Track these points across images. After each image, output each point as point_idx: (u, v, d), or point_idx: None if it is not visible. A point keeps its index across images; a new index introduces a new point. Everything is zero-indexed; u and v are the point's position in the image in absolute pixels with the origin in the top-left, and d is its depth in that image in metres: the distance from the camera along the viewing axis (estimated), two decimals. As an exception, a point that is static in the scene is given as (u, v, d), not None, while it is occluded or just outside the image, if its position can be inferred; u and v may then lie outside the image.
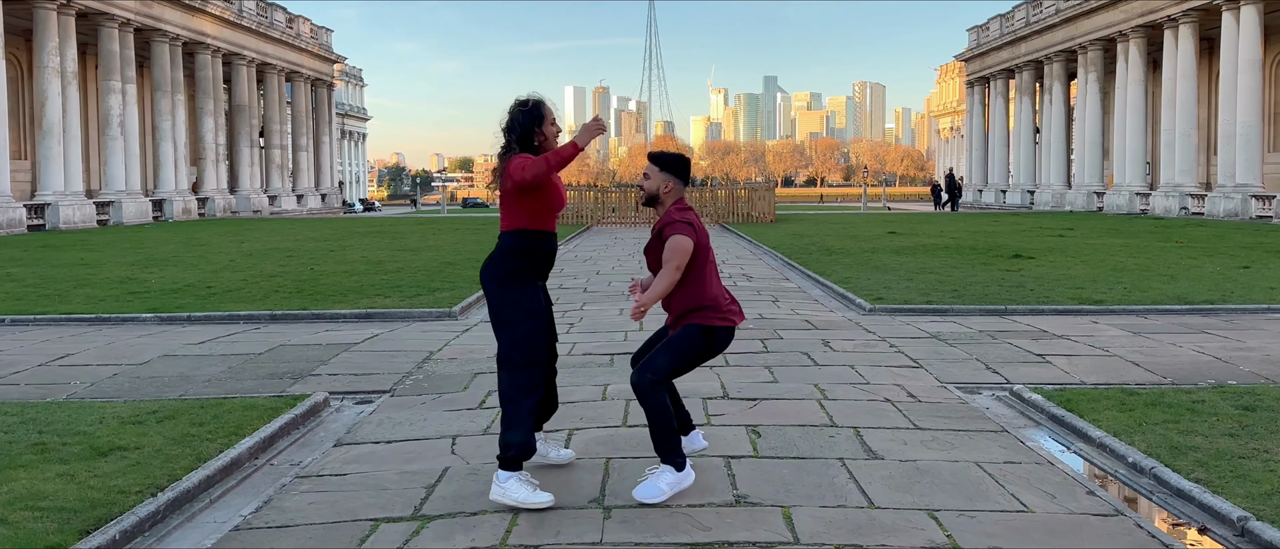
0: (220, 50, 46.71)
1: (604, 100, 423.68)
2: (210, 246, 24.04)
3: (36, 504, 4.84)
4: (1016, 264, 17.62)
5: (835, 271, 16.37)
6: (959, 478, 5.41)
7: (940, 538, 4.53)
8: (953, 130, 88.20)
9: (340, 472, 5.69)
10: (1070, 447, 6.18)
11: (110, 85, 38.18)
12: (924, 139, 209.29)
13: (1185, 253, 19.96)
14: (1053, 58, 49.78)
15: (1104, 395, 7.14)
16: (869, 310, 12.16)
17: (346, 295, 13.67)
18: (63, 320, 11.83)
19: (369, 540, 4.57)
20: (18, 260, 19.93)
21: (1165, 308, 12.06)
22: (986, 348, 9.56)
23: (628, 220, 39.14)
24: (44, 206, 33.67)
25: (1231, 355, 9.05)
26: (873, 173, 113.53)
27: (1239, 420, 6.32)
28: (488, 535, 4.61)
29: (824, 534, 4.58)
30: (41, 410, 6.83)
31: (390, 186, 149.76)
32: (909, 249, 21.42)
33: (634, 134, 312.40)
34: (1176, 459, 5.50)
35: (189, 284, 15.25)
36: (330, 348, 9.80)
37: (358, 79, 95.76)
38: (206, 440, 6.03)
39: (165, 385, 8.04)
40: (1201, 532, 4.69)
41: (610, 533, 4.61)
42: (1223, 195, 35.65)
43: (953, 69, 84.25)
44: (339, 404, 7.47)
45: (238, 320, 11.75)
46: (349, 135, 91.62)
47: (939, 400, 7.35)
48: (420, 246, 23.72)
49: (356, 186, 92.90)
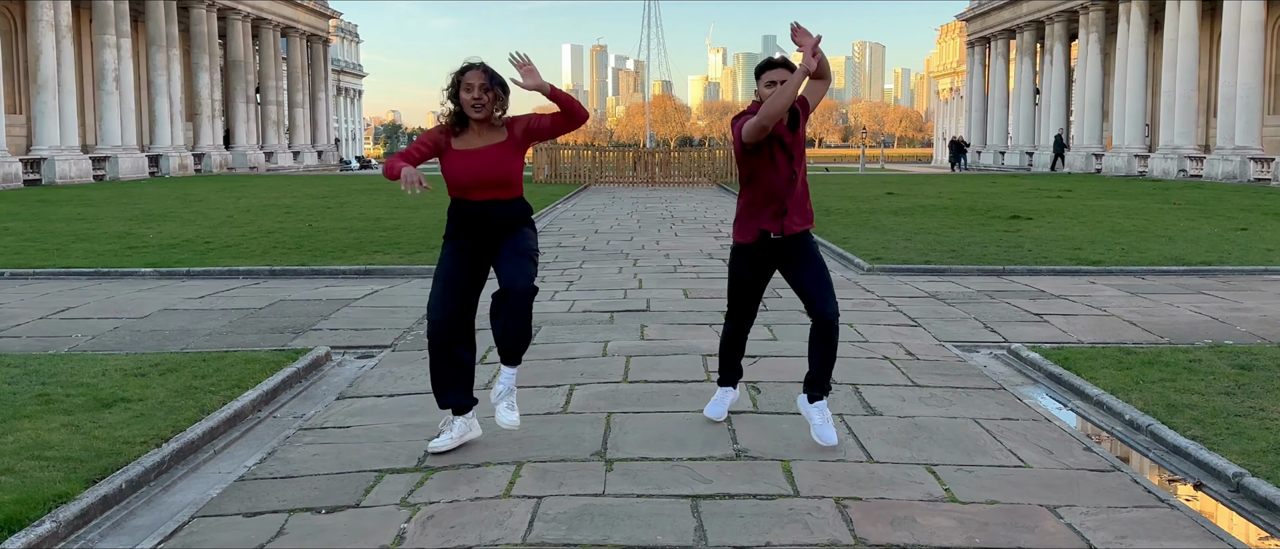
0: (215, 5, 46.29)
1: (602, 59, 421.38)
2: (207, 202, 23.99)
3: (42, 454, 4.87)
4: (1014, 225, 17.64)
5: (833, 231, 16.37)
6: (957, 434, 5.46)
7: (938, 491, 4.58)
8: (952, 91, 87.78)
9: (343, 424, 5.73)
10: (1067, 404, 6.23)
11: (105, 40, 37.88)
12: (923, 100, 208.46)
13: (1183, 215, 19.97)
14: (1054, 18, 49.46)
15: (1101, 354, 7.18)
16: (867, 270, 12.18)
17: (345, 251, 13.67)
18: (62, 274, 11.83)
19: (373, 491, 4.62)
20: (15, 215, 19.88)
21: (1163, 269, 12.09)
22: (984, 307, 9.60)
23: (625, 179, 39.06)
24: (40, 161, 33.53)
25: (1228, 316, 9.10)
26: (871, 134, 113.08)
27: (1235, 379, 6.37)
28: (491, 486, 4.65)
29: (823, 487, 4.62)
30: (44, 362, 6.86)
31: (386, 144, 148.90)
32: (907, 210, 21.42)
33: (632, 93, 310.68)
34: (1173, 417, 5.55)
35: (187, 239, 15.24)
36: (330, 303, 9.82)
37: (353, 35, 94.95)
38: (209, 393, 6.06)
39: (166, 339, 8.07)
40: (1197, 487, 4.75)
41: (612, 485, 4.66)
42: (1221, 158, 35.60)
43: (953, 29, 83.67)
44: (340, 358, 7.50)
45: (237, 275, 11.76)
46: (345, 92, 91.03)
47: (937, 358, 7.39)
48: (418, 204, 23.63)
49: (352, 144, 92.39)
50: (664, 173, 38.99)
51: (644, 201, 27.15)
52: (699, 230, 18.26)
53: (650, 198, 29.16)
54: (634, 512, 4.33)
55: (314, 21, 59.18)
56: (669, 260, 13.59)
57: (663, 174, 38.89)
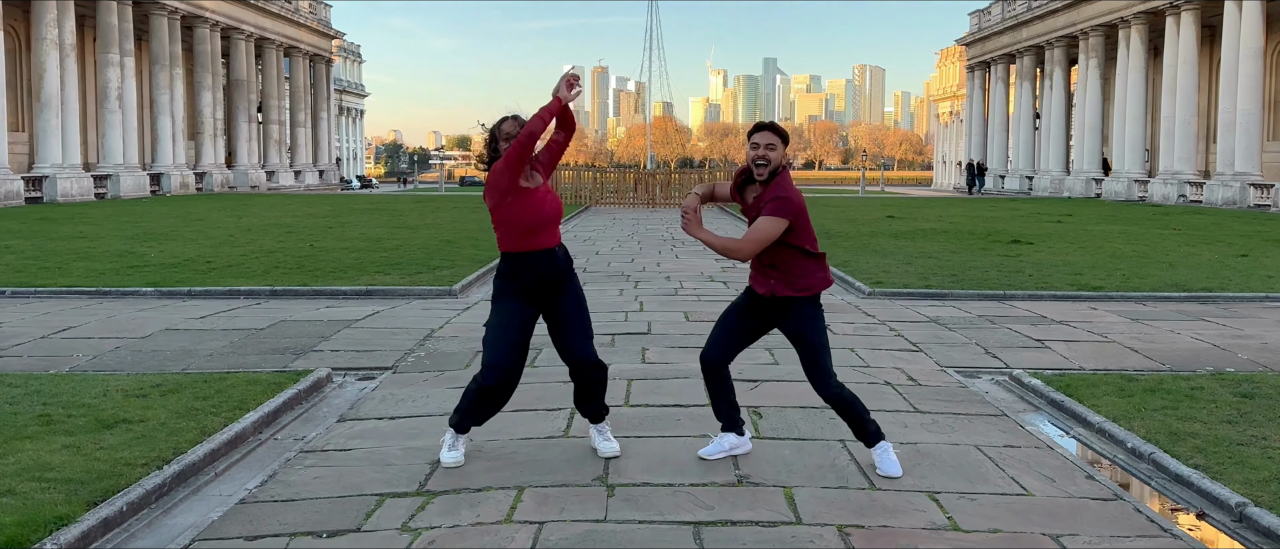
0: (219, 24, 46.49)
1: (603, 80, 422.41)
2: (209, 221, 24.01)
3: (43, 475, 4.86)
4: (1015, 249, 17.66)
5: (834, 255, 16.37)
6: (959, 460, 5.45)
7: (941, 519, 4.57)
8: (952, 115, 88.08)
9: (344, 447, 5.72)
10: (1069, 431, 6.23)
11: (108, 58, 38.01)
12: (923, 123, 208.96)
13: (1183, 240, 20.00)
14: (1054, 43, 49.67)
15: (1103, 381, 7.18)
16: (868, 294, 12.19)
17: (347, 272, 13.68)
18: (63, 293, 11.83)
19: (374, 515, 4.61)
20: (16, 233, 19.91)
21: (1163, 295, 12.10)
22: (986, 332, 9.60)
23: (626, 201, 39.15)
24: (42, 179, 33.58)
25: (1229, 343, 9.10)
26: (871, 157, 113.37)
27: (1237, 407, 6.36)
28: (492, 511, 4.64)
29: (825, 514, 4.61)
30: (45, 382, 6.85)
31: (387, 164, 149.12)
32: (908, 233, 21.44)
33: (633, 114, 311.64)
34: (1175, 445, 5.55)
35: (188, 258, 15.25)
36: (332, 324, 9.82)
37: (356, 55, 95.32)
38: (210, 414, 6.05)
39: (168, 359, 8.06)
40: (1200, 517, 4.73)
41: (614, 510, 4.65)
42: (1221, 183, 35.67)
43: (953, 53, 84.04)
44: (341, 380, 7.50)
45: (238, 295, 11.76)
46: (347, 111, 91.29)
47: (939, 384, 7.39)
48: (419, 224, 23.71)
49: (354, 163, 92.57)
50: (665, 194, 39.06)
51: (645, 223, 27.19)
52: (700, 253, 18.27)
53: (651, 219, 29.20)
54: (635, 538, 4.32)
55: (317, 42, 59.42)
56: (670, 283, 13.60)
57: (663, 195, 38.97)
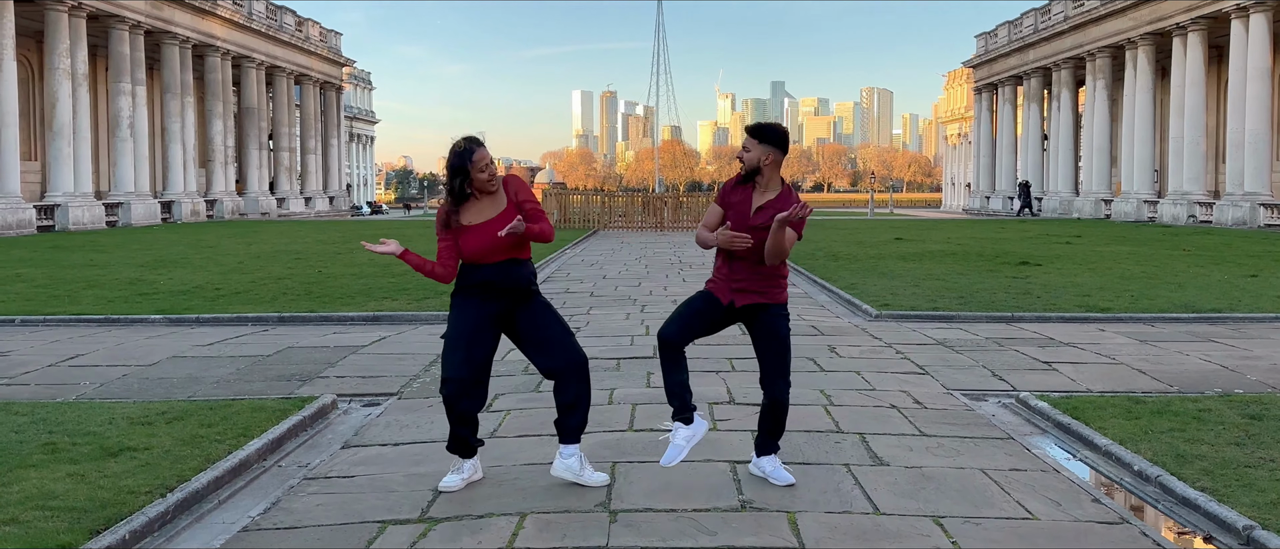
0: (230, 53, 46.87)
1: (612, 104, 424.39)
2: (218, 248, 24.12)
3: (47, 503, 4.87)
4: (1023, 271, 17.60)
5: (841, 277, 16.37)
6: (964, 484, 5.42)
7: (945, 544, 4.54)
8: (960, 136, 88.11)
9: (348, 474, 5.72)
10: (1076, 454, 6.19)
11: (120, 87, 38.34)
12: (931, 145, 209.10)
13: (1193, 261, 19.92)
14: (1061, 65, 49.73)
15: (1110, 403, 7.14)
16: (875, 316, 12.16)
17: (354, 298, 13.72)
18: (72, 321, 11.89)
19: (376, 542, 4.60)
20: (28, 261, 20.02)
21: (1172, 316, 12.03)
22: (993, 355, 9.57)
23: (634, 224, 39.18)
24: (53, 207, 33.81)
25: (1238, 364, 9.04)
26: (880, 179, 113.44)
27: (1245, 429, 6.31)
28: (494, 538, 4.63)
29: (829, 540, 4.59)
30: (51, 410, 6.87)
31: (398, 189, 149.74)
32: (915, 255, 21.41)
33: (641, 138, 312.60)
34: (1182, 468, 5.51)
35: (197, 285, 15.31)
36: (338, 350, 9.84)
37: (366, 82, 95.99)
38: (215, 442, 6.06)
39: (174, 386, 8.08)
40: (1207, 540, 4.70)
41: (616, 537, 4.63)
42: (1231, 203, 35.57)
43: (961, 75, 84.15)
44: (347, 406, 7.50)
45: (246, 322, 11.80)
46: (357, 138, 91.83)
47: (945, 407, 7.36)
48: (428, 250, 23.71)
49: (364, 189, 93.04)
50: (673, 217, 39.08)
51: (652, 246, 27.20)
52: (708, 276, 18.25)
53: (659, 242, 29.22)
54: (638, 564, 4.29)
55: (328, 69, 59.83)
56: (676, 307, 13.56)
57: (672, 219, 38.99)
